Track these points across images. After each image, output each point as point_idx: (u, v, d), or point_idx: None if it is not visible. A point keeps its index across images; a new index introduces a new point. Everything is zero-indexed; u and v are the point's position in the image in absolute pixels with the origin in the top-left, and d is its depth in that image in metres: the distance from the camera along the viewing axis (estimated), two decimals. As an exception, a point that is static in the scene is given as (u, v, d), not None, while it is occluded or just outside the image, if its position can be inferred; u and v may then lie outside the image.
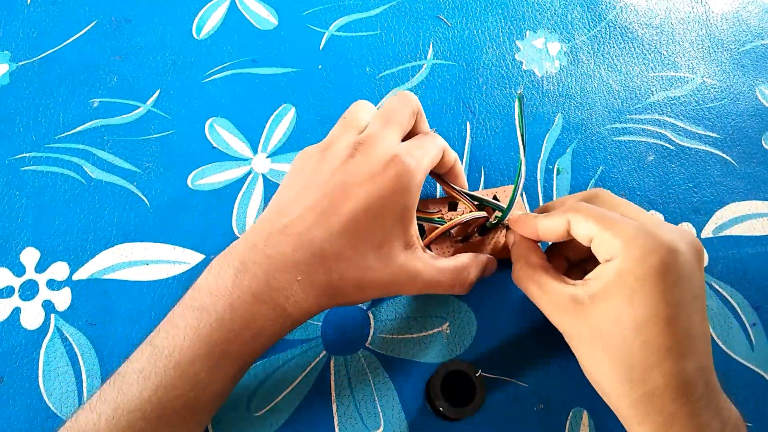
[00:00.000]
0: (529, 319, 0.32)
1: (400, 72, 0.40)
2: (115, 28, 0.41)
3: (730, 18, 0.43)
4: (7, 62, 0.39)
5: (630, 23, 0.42)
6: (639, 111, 0.39)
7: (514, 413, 0.30)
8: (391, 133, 0.28)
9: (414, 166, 0.27)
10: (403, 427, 0.30)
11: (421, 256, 0.28)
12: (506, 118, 0.38)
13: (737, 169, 0.37)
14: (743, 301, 0.33)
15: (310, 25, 0.41)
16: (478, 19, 0.42)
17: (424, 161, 0.28)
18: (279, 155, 0.37)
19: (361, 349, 0.31)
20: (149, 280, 0.33)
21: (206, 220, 0.34)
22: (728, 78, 0.40)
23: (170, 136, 0.37)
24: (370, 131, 0.28)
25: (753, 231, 0.35)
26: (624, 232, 0.24)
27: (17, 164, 0.36)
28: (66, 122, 0.37)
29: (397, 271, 0.27)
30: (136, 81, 0.39)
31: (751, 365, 0.32)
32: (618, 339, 0.24)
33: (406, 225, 0.27)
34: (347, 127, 0.29)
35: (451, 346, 0.32)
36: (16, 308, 0.32)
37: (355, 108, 0.30)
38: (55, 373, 0.31)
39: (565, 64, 0.40)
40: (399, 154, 0.27)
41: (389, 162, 0.26)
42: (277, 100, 0.38)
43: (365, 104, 0.31)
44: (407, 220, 0.27)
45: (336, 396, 0.30)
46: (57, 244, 0.34)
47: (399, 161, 0.27)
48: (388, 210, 0.26)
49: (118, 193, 0.35)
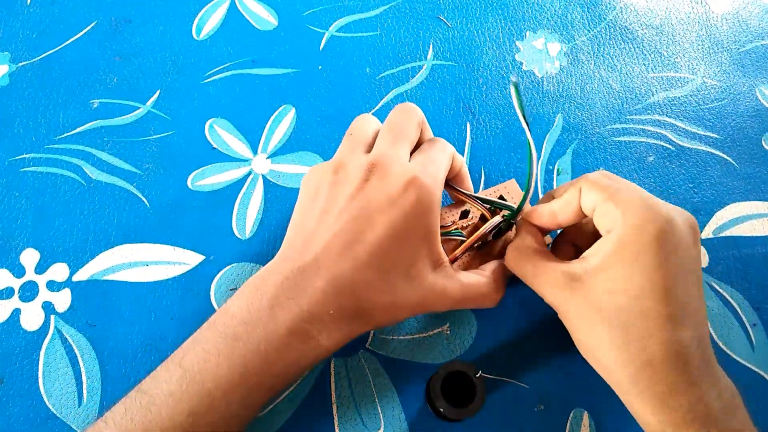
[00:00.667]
0: (529, 320, 0.32)
1: (400, 72, 0.40)
2: (115, 29, 0.41)
3: (731, 18, 0.43)
4: (7, 63, 0.39)
5: (630, 24, 0.42)
6: (639, 111, 0.39)
7: (514, 414, 0.30)
8: (402, 151, 0.28)
9: (431, 184, 0.27)
10: (404, 428, 0.30)
11: (450, 274, 0.28)
12: (506, 118, 0.38)
13: (737, 170, 0.37)
14: (743, 301, 0.33)
15: (310, 26, 0.41)
16: (478, 19, 0.42)
17: (439, 176, 0.28)
18: (279, 156, 0.37)
19: (361, 350, 0.31)
20: (149, 281, 0.33)
21: (206, 221, 0.34)
22: (728, 78, 0.40)
23: (170, 136, 0.37)
24: (381, 150, 0.28)
25: (753, 231, 0.35)
26: (624, 201, 0.25)
27: (17, 165, 0.36)
28: (66, 123, 0.37)
29: (428, 292, 0.27)
30: (136, 82, 0.39)
31: (752, 366, 0.32)
32: (617, 308, 0.24)
33: (432, 244, 0.27)
34: (355, 145, 0.29)
35: (452, 346, 0.32)
36: (16, 309, 0.32)
37: (360, 123, 0.30)
38: (55, 374, 0.31)
39: (565, 65, 0.40)
40: (416, 176, 0.27)
41: (408, 184, 0.27)
42: (277, 101, 0.38)
43: (369, 118, 0.31)
44: (432, 238, 0.27)
45: (336, 397, 0.30)
46: (57, 245, 0.34)
47: (418, 183, 0.27)
48: (413, 233, 0.27)
49: (118, 194, 0.35)
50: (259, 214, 0.35)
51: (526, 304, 0.33)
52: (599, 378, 0.31)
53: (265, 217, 0.35)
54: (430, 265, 0.27)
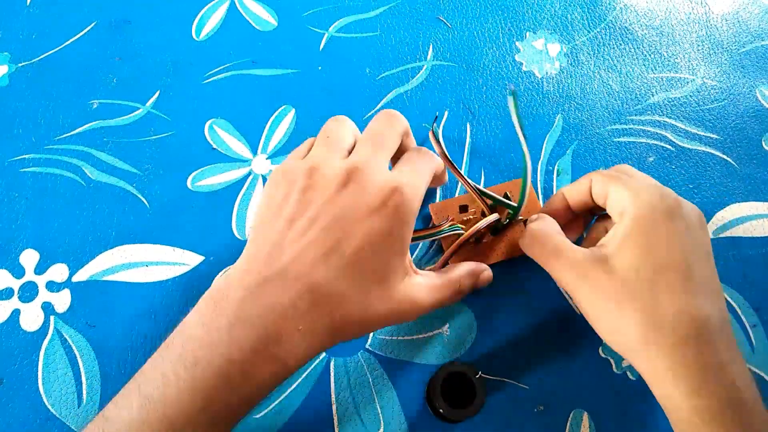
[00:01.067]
0: (529, 321, 0.32)
1: (400, 73, 0.40)
2: (115, 30, 0.41)
3: (730, 19, 0.43)
4: (7, 63, 0.39)
5: (630, 24, 0.42)
6: (639, 112, 0.39)
7: (514, 415, 0.30)
8: (382, 160, 0.27)
9: (412, 196, 0.26)
10: (403, 428, 0.30)
11: (418, 281, 0.27)
12: (506, 119, 0.38)
13: (737, 171, 0.37)
14: (744, 302, 0.33)
15: (310, 26, 0.41)
16: (478, 20, 0.42)
17: (421, 188, 0.27)
18: (279, 156, 0.37)
19: (361, 350, 0.31)
20: (149, 281, 0.33)
21: (206, 222, 0.34)
22: (728, 79, 0.40)
23: (170, 137, 0.37)
24: (361, 157, 0.27)
25: (753, 232, 0.35)
26: (636, 186, 0.27)
27: (17, 166, 0.36)
28: (65, 124, 0.37)
29: (400, 302, 0.26)
30: (135, 82, 0.39)
31: (752, 366, 0.31)
32: (643, 285, 0.25)
33: (404, 255, 0.26)
34: (332, 148, 0.27)
35: (451, 347, 0.32)
36: (16, 310, 0.32)
37: (336, 125, 0.29)
38: (54, 374, 0.31)
39: (565, 65, 0.40)
40: (397, 186, 0.25)
41: (389, 194, 0.25)
42: (277, 102, 0.38)
43: (346, 121, 0.29)
44: (405, 250, 0.26)
45: (336, 398, 0.30)
46: (56, 246, 0.34)
47: (398, 193, 0.25)
48: (390, 244, 0.25)
49: (117, 194, 0.35)
50: (259, 215, 0.35)
51: (526, 304, 0.33)
52: (599, 378, 0.31)
53: (265, 217, 0.35)
54: (402, 275, 0.26)
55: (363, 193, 0.25)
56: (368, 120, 0.29)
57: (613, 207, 0.27)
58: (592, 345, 0.32)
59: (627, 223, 0.26)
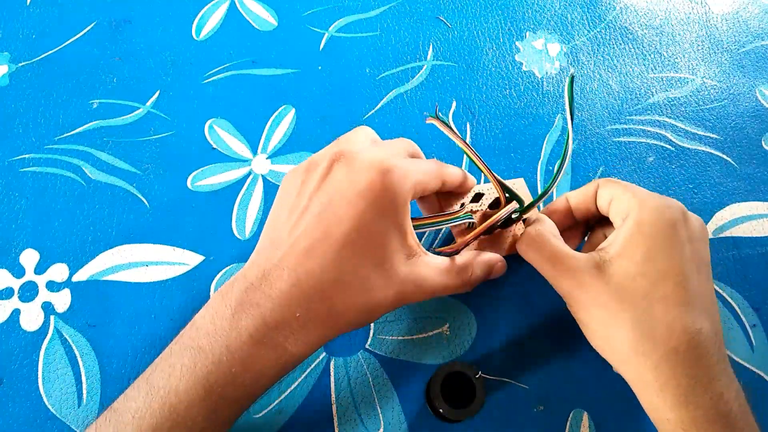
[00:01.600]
0: (529, 320, 0.32)
1: (400, 73, 0.40)
2: (115, 29, 0.41)
3: (730, 19, 0.43)
4: (7, 63, 0.39)
5: (630, 24, 0.42)
6: (639, 112, 0.39)
7: (514, 415, 0.30)
8: (375, 149, 0.27)
9: (400, 170, 0.25)
10: (403, 428, 0.30)
11: (425, 262, 0.27)
12: (506, 119, 0.38)
13: (737, 170, 0.37)
14: (743, 302, 0.33)
15: (310, 26, 0.41)
16: (478, 20, 0.42)
17: (411, 172, 0.26)
18: (279, 156, 0.37)
19: (361, 350, 0.31)
20: (149, 281, 0.33)
21: (206, 222, 0.34)
22: (728, 79, 0.40)
23: (170, 137, 0.37)
24: (353, 146, 0.26)
25: (753, 232, 0.35)
26: (641, 194, 0.27)
27: (17, 165, 0.36)
28: (66, 123, 0.37)
29: (403, 284, 0.26)
30: (135, 82, 0.39)
31: (752, 366, 0.32)
32: (638, 294, 0.24)
33: (403, 235, 0.26)
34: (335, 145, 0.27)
35: (451, 347, 0.32)
36: (16, 310, 0.32)
37: (353, 132, 0.29)
38: (54, 374, 0.31)
39: (565, 65, 0.40)
40: (386, 167, 0.25)
41: (374, 172, 0.25)
42: (277, 101, 0.38)
43: (365, 129, 0.29)
44: (404, 229, 0.26)
45: (336, 398, 0.30)
46: (56, 246, 0.34)
47: (383, 169, 0.25)
48: (383, 224, 0.25)
49: (117, 194, 0.35)
50: (259, 215, 0.35)
51: (526, 304, 0.33)
52: (599, 378, 0.31)
53: (265, 217, 0.35)
54: (404, 256, 0.26)
55: (348, 173, 0.25)
56: (368, 120, 0.29)
57: (618, 211, 0.27)
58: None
59: (630, 226, 0.26)
